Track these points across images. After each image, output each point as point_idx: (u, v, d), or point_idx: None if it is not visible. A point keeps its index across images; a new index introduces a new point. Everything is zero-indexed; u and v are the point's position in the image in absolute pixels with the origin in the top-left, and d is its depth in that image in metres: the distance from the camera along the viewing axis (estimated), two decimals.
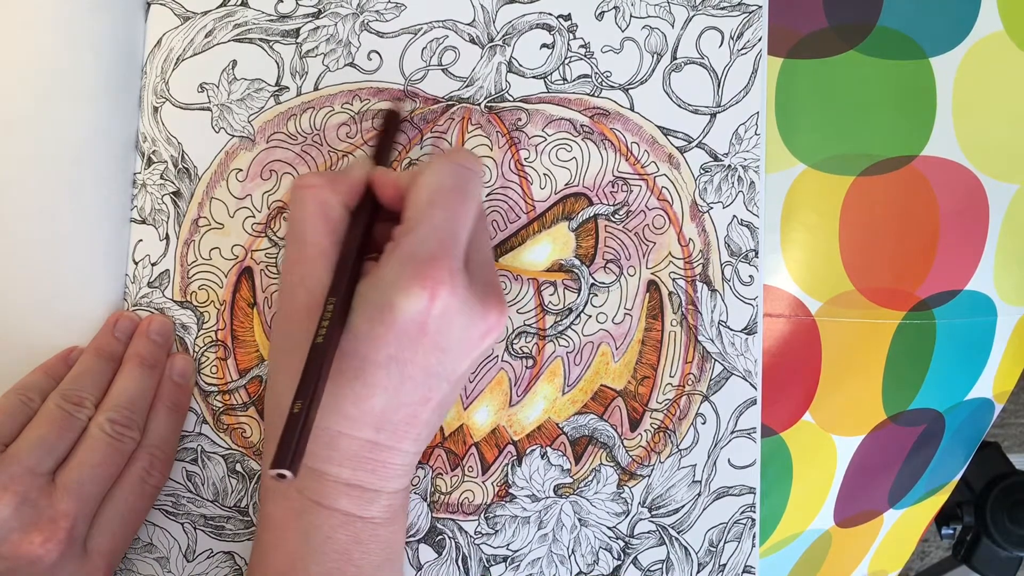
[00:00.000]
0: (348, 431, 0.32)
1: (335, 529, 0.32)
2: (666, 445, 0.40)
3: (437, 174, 0.33)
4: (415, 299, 0.30)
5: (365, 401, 0.32)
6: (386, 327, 0.31)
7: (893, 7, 0.41)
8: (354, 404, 0.32)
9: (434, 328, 0.31)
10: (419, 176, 0.33)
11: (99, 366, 0.36)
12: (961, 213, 0.42)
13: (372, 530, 0.33)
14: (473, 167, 0.34)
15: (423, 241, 0.31)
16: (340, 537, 0.33)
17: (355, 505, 0.33)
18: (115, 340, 0.37)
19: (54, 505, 0.32)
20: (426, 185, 0.33)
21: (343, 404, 0.32)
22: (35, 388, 0.35)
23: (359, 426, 0.32)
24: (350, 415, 0.32)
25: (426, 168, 0.33)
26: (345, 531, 0.33)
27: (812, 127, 0.41)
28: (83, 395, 0.34)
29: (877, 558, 0.49)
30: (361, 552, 0.33)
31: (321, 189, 0.34)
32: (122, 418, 0.34)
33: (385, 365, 0.31)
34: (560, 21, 0.40)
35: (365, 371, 0.31)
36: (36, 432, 0.33)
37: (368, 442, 0.32)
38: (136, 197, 0.38)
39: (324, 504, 0.32)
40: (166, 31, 0.38)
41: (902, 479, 0.46)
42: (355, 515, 0.33)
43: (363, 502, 0.33)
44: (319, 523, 0.32)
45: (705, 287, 0.40)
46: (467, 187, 0.33)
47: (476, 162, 0.35)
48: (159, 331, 0.37)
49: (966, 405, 0.46)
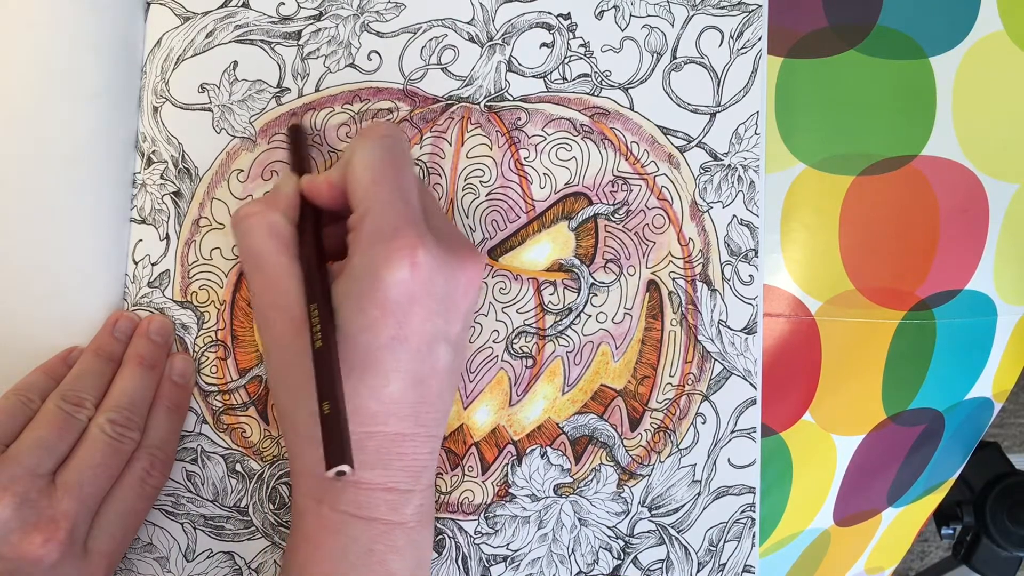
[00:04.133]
0: (373, 428, 0.32)
1: (374, 540, 0.33)
2: (666, 445, 0.40)
3: (367, 153, 0.33)
4: (397, 270, 0.31)
5: (382, 390, 0.32)
6: (380, 309, 0.31)
7: (893, 7, 0.41)
8: (373, 398, 0.32)
9: (421, 293, 0.31)
10: (351, 162, 0.33)
11: (99, 366, 0.36)
12: (961, 213, 0.42)
13: (408, 535, 0.33)
14: (395, 134, 0.34)
15: (382, 217, 0.32)
16: (379, 548, 0.33)
17: (391, 511, 0.33)
18: (115, 340, 0.37)
19: (54, 506, 0.32)
20: (361, 167, 0.33)
21: (364, 403, 0.32)
22: (35, 388, 0.35)
23: (382, 419, 0.32)
24: (372, 411, 0.32)
25: (354, 152, 0.33)
26: (384, 541, 0.33)
27: (812, 127, 0.41)
28: (83, 396, 0.34)
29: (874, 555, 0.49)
30: (399, 560, 0.33)
31: (264, 213, 0.34)
32: (122, 419, 0.34)
33: (390, 347, 0.31)
34: (560, 20, 0.40)
35: (373, 360, 0.31)
36: (36, 433, 0.33)
37: (396, 435, 0.33)
38: (136, 197, 0.38)
39: (361, 515, 0.32)
40: (166, 31, 0.38)
41: (901, 478, 0.46)
42: (393, 522, 0.33)
43: (398, 506, 0.33)
44: (357, 535, 0.32)
45: (705, 287, 0.40)
46: (400, 154, 0.34)
47: (396, 128, 0.35)
48: (159, 331, 0.37)
49: (966, 404, 0.46)
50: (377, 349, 0.31)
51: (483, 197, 0.39)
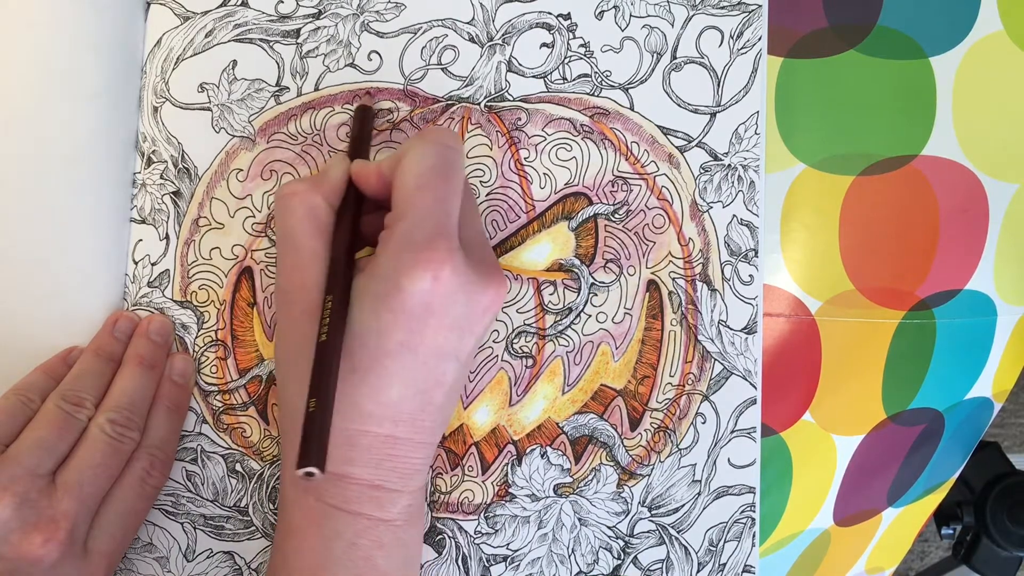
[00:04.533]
0: (367, 428, 0.32)
1: (359, 535, 0.32)
2: (666, 444, 0.40)
3: (420, 156, 0.33)
4: (419, 281, 0.30)
5: (382, 393, 0.32)
6: (394, 313, 0.31)
7: (893, 7, 0.41)
8: (371, 398, 0.32)
9: (439, 307, 0.31)
10: (402, 161, 0.33)
11: (99, 366, 0.36)
12: (961, 213, 0.42)
13: (394, 533, 0.33)
14: (454, 144, 0.34)
15: (417, 225, 0.31)
16: (363, 543, 0.33)
17: (377, 508, 0.33)
18: (115, 340, 0.37)
19: (54, 506, 0.32)
20: (411, 169, 0.32)
21: (361, 402, 0.32)
22: (35, 388, 0.35)
23: (378, 421, 0.32)
24: (368, 411, 0.32)
25: (408, 152, 0.33)
26: (368, 536, 0.33)
27: (812, 127, 0.41)
28: (83, 395, 0.34)
29: (874, 555, 0.49)
30: (384, 557, 0.33)
31: (307, 193, 0.33)
32: (122, 418, 0.34)
33: (397, 353, 0.31)
34: (560, 20, 0.40)
35: (378, 363, 0.31)
36: (36, 433, 0.33)
37: (388, 437, 0.32)
38: (136, 197, 0.38)
39: (347, 509, 0.32)
40: (166, 31, 0.38)
41: (901, 478, 0.46)
42: (378, 518, 0.33)
43: (385, 504, 0.33)
44: (342, 529, 0.32)
45: (705, 286, 0.40)
46: (451, 166, 0.33)
47: (455, 139, 0.34)
48: (159, 331, 0.37)
49: (966, 404, 0.46)
50: (384, 353, 0.31)
51: (483, 197, 0.39)
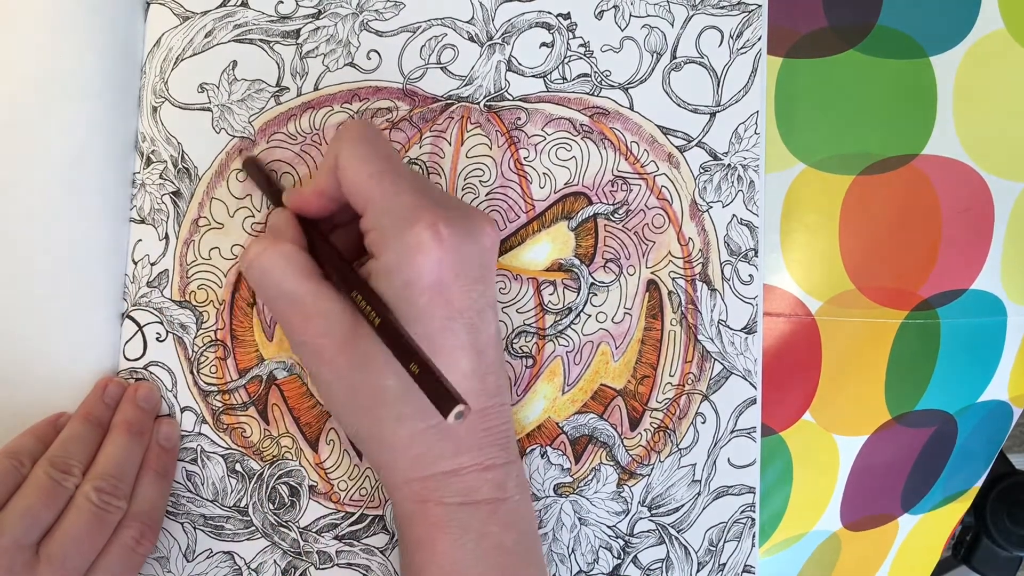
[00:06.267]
0: None
1: (485, 523, 0.33)
2: (666, 444, 0.40)
3: (354, 153, 0.33)
4: (428, 252, 0.31)
5: (455, 371, 0.32)
6: (425, 294, 0.31)
7: (893, 6, 0.41)
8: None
9: (455, 265, 0.31)
10: (340, 168, 0.33)
11: (87, 432, 0.35)
12: (964, 212, 0.42)
13: (516, 509, 0.34)
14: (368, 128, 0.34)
15: (392, 208, 0.32)
16: (492, 530, 0.33)
17: (496, 489, 0.33)
18: (104, 406, 0.36)
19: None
20: (353, 167, 0.32)
21: None
22: (26, 452, 0.34)
23: None
24: None
25: (339, 155, 0.33)
26: (495, 522, 0.33)
27: (812, 126, 0.41)
28: (71, 462, 0.34)
29: (896, 567, 0.48)
30: (513, 539, 0.33)
31: (272, 246, 0.33)
32: (108, 486, 0.34)
33: (447, 328, 0.32)
34: (559, 20, 0.39)
35: (435, 345, 0.32)
36: (24, 502, 0.32)
37: (478, 413, 0.33)
38: (135, 197, 0.38)
39: (469, 501, 0.33)
40: (165, 31, 0.38)
41: (915, 482, 0.46)
42: (498, 499, 0.33)
43: (501, 482, 0.33)
44: (469, 522, 0.33)
45: (705, 286, 0.40)
46: (382, 145, 0.33)
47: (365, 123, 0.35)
48: (146, 398, 0.37)
49: (979, 407, 0.45)
50: (435, 333, 0.31)
51: (483, 197, 0.39)
